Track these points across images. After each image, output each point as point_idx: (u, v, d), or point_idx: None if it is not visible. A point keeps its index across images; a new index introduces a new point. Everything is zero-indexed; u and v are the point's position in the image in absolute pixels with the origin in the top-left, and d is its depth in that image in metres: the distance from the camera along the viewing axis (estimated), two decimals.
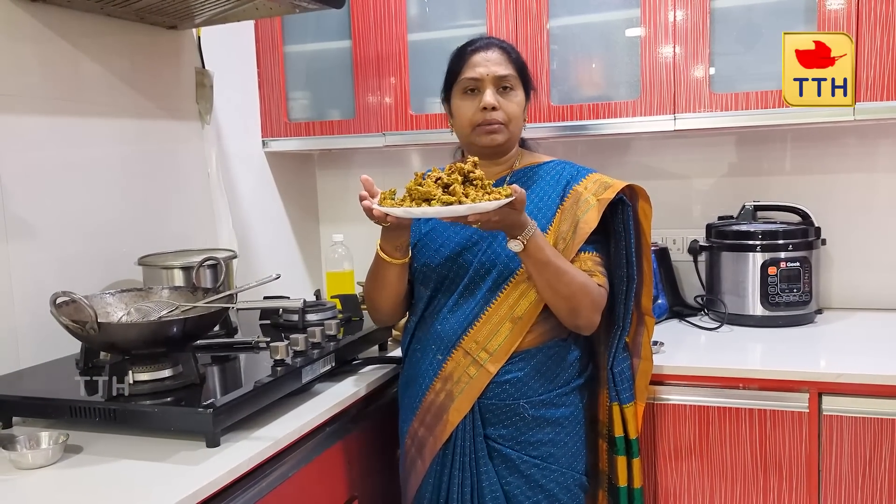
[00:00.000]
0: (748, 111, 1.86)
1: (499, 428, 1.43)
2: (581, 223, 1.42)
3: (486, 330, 1.42)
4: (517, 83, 1.48)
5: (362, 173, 2.53)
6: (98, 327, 1.26)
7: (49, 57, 1.60)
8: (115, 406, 1.25)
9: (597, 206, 1.43)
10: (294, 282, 2.48)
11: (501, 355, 1.42)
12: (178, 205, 1.96)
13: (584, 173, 1.51)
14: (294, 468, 1.30)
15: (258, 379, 1.35)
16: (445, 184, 1.26)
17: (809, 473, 1.59)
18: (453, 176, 1.26)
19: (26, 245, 1.54)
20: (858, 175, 2.11)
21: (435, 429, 1.45)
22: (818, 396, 1.57)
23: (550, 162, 1.55)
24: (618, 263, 1.50)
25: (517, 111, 1.48)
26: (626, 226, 1.48)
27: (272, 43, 2.27)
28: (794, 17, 1.86)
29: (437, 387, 1.45)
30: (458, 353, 1.44)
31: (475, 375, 1.42)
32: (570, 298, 1.37)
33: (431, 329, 1.48)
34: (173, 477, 1.12)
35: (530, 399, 1.43)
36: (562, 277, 1.35)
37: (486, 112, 1.44)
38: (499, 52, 1.48)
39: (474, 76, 1.46)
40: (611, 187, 1.45)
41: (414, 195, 1.27)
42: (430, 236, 1.51)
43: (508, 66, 1.47)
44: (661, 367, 1.65)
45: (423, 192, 1.25)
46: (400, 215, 1.28)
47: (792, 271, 1.95)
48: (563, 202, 1.47)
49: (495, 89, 1.45)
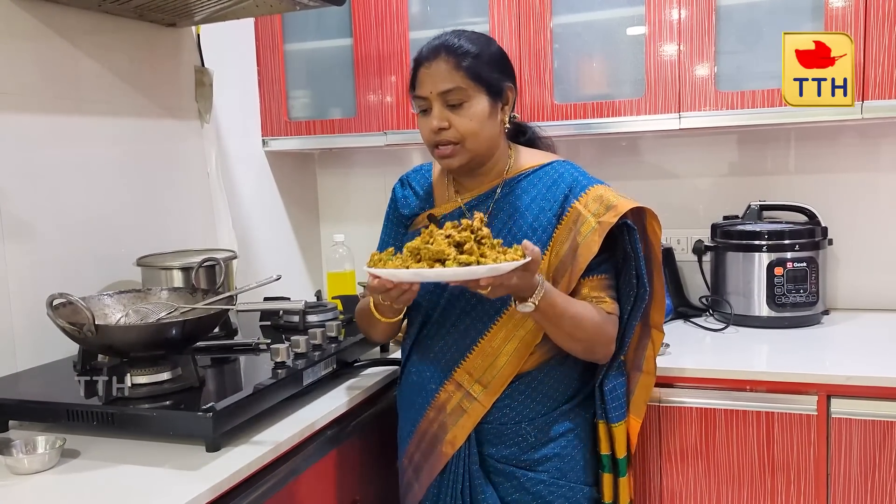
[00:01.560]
0: (754, 109, 1.84)
1: (501, 448, 1.37)
2: (581, 248, 1.31)
3: (481, 361, 1.35)
4: (472, 93, 1.30)
5: (363, 172, 2.56)
6: (95, 329, 1.24)
7: (47, 55, 1.58)
8: (113, 410, 1.23)
9: (598, 230, 1.30)
10: (295, 283, 2.46)
11: (497, 387, 1.34)
12: (178, 205, 1.94)
13: (583, 186, 1.36)
14: (295, 472, 1.28)
15: (258, 381, 1.33)
16: (457, 242, 1.14)
17: (818, 477, 1.57)
18: (464, 234, 1.15)
19: (23, 245, 1.52)
20: (864, 174, 2.10)
21: (430, 457, 1.39)
22: (826, 399, 1.55)
23: (547, 165, 1.40)
24: (626, 281, 1.39)
25: (472, 126, 1.30)
26: (633, 248, 1.36)
27: (272, 41, 2.25)
28: (800, 14, 1.84)
29: (430, 415, 1.39)
30: (450, 385, 1.37)
31: (469, 409, 1.35)
32: (587, 341, 1.31)
33: (425, 354, 1.41)
34: (172, 482, 1.10)
35: (532, 421, 1.36)
36: (578, 325, 1.27)
37: (438, 134, 1.31)
38: (445, 63, 1.30)
39: (420, 94, 1.33)
40: (613, 208, 1.31)
41: (424, 255, 1.14)
42: None
43: (455, 76, 1.29)
44: (666, 369, 1.63)
45: (436, 252, 1.12)
46: (408, 279, 1.14)
47: (798, 272, 1.93)
48: (562, 220, 1.34)
49: (444, 105, 1.31)
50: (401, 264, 1.15)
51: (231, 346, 1.62)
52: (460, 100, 1.30)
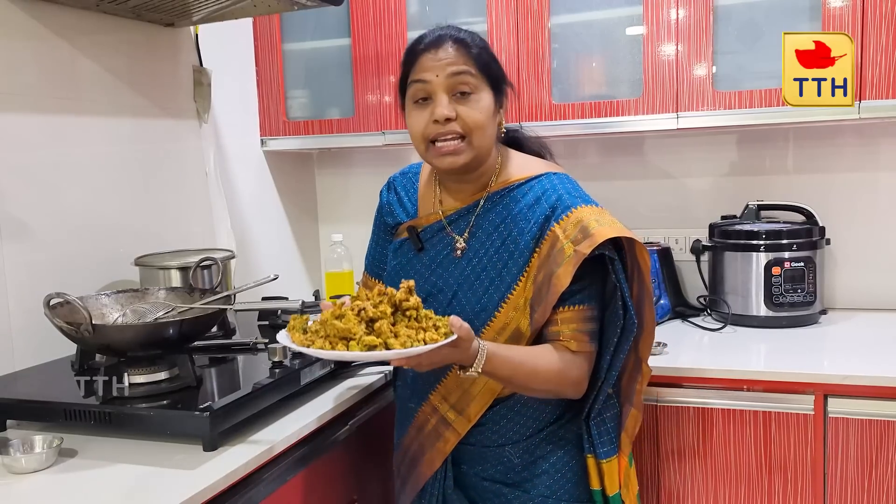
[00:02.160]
0: (751, 109, 1.84)
1: (487, 468, 1.32)
2: (554, 279, 1.19)
3: (455, 387, 1.28)
4: (480, 84, 1.22)
5: (362, 172, 2.56)
6: (93, 329, 1.24)
7: (45, 55, 1.59)
8: (111, 409, 1.23)
9: (572, 259, 1.18)
10: (293, 282, 2.46)
11: (472, 415, 1.28)
12: (176, 204, 1.94)
13: (566, 208, 1.23)
14: (293, 471, 1.28)
15: (256, 381, 1.33)
16: (370, 318, 1.05)
17: (815, 476, 1.57)
18: (381, 307, 1.05)
19: (21, 245, 1.52)
20: (862, 174, 2.10)
21: (412, 474, 1.37)
22: (824, 398, 1.55)
23: (532, 180, 1.29)
24: (613, 312, 1.26)
25: (481, 119, 1.21)
26: (617, 278, 1.23)
27: (271, 41, 2.25)
28: (797, 14, 1.84)
29: (411, 434, 1.36)
30: (427, 408, 1.32)
31: (444, 434, 1.30)
32: (547, 391, 1.24)
33: (405, 372, 1.37)
34: (170, 481, 1.10)
35: (516, 444, 1.29)
36: (534, 377, 1.19)
37: (440, 125, 1.21)
38: (454, 49, 1.21)
39: (422, 78, 1.21)
40: (590, 238, 1.17)
41: (330, 332, 1.05)
42: (400, 275, 1.33)
43: (467, 61, 1.21)
44: (664, 369, 1.63)
45: (341, 330, 1.03)
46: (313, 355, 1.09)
47: (796, 271, 1.93)
48: (540, 245, 1.23)
49: (450, 95, 1.21)
50: (308, 337, 1.08)
51: (229, 346, 1.62)
52: (469, 88, 1.21)
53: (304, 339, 1.08)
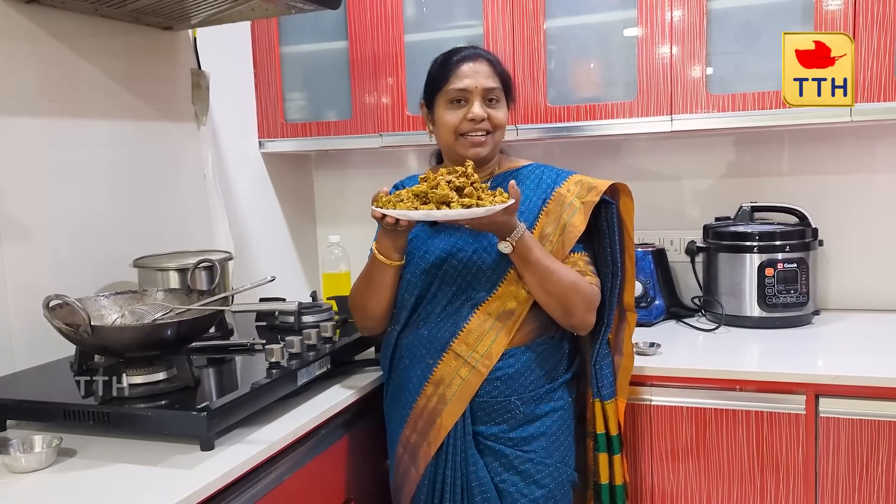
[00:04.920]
0: (745, 112, 1.86)
1: (490, 426, 1.44)
2: (569, 227, 1.45)
3: (477, 332, 1.43)
4: (502, 96, 1.50)
5: (359, 174, 2.58)
6: (91, 330, 1.25)
7: (44, 58, 1.60)
8: (109, 409, 1.24)
9: (582, 209, 1.46)
10: (290, 283, 2.48)
11: (492, 356, 1.42)
12: (174, 206, 1.96)
13: (564, 176, 1.52)
14: (290, 471, 1.29)
15: (253, 381, 1.34)
16: (457, 187, 1.30)
17: (807, 475, 1.59)
18: (462, 180, 1.30)
19: (20, 247, 1.53)
20: (855, 176, 2.11)
21: (428, 434, 1.44)
22: (815, 398, 1.57)
23: (528, 166, 1.57)
24: (603, 261, 1.52)
25: (503, 121, 1.50)
26: (609, 224, 1.50)
27: (268, 44, 2.27)
28: (791, 17, 1.86)
29: (428, 391, 1.45)
30: (448, 356, 1.44)
31: (467, 377, 1.42)
32: (562, 297, 1.40)
33: (418, 335, 1.48)
34: (168, 481, 1.11)
35: (521, 395, 1.44)
36: (551, 276, 1.38)
37: (474, 123, 1.46)
38: (486, 65, 1.49)
39: (462, 87, 1.46)
40: (594, 188, 1.48)
41: (432, 198, 1.29)
42: (414, 244, 1.50)
43: (495, 78, 1.49)
44: (657, 369, 1.65)
45: (441, 196, 1.28)
46: (419, 218, 1.30)
47: (789, 272, 1.94)
48: (547, 205, 1.48)
49: (482, 101, 1.47)
50: (410, 206, 1.29)
51: (226, 347, 1.63)
52: (495, 98, 1.49)
53: (409, 206, 1.29)
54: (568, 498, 1.49)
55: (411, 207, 1.29)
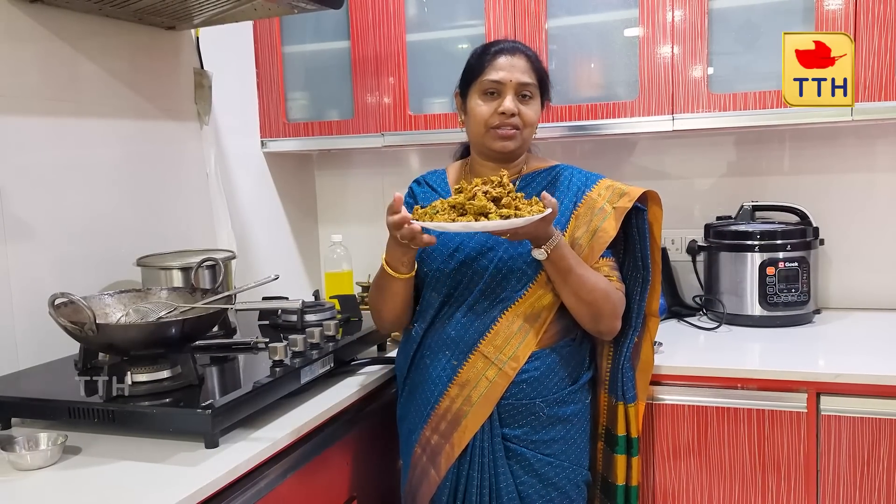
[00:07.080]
0: (746, 111, 1.86)
1: (514, 428, 1.43)
2: (600, 232, 1.44)
3: (504, 334, 1.42)
4: (536, 92, 1.48)
5: (361, 174, 2.58)
6: (96, 328, 1.26)
7: (47, 57, 1.60)
8: (114, 407, 1.25)
9: (613, 215, 1.45)
10: (293, 282, 2.48)
11: (519, 358, 1.41)
12: (177, 205, 1.96)
13: (594, 179, 1.51)
14: (293, 469, 1.30)
15: (257, 380, 1.35)
16: (494, 197, 1.30)
17: (808, 473, 1.59)
18: (499, 189, 1.30)
19: (25, 246, 1.54)
20: (856, 175, 2.12)
21: (452, 436, 1.42)
22: (816, 396, 1.57)
23: (557, 166, 1.54)
24: (633, 266, 1.52)
25: (534, 118, 1.48)
26: (640, 231, 1.50)
27: (271, 43, 2.27)
28: (792, 17, 1.86)
29: (452, 393, 1.43)
30: (475, 358, 1.42)
31: (494, 379, 1.41)
32: (593, 304, 1.40)
33: (443, 334, 1.45)
34: (172, 478, 1.12)
35: (546, 398, 1.43)
36: (584, 284, 1.38)
37: (505, 116, 1.44)
38: (524, 59, 1.47)
39: (497, 79, 1.45)
40: (626, 195, 1.47)
41: (469, 210, 1.28)
42: (443, 241, 1.46)
43: (531, 74, 1.47)
44: (659, 367, 1.65)
45: (479, 207, 1.27)
46: (457, 230, 1.30)
47: (790, 271, 1.95)
48: (577, 209, 1.47)
49: (515, 95, 1.45)
50: (447, 218, 1.29)
51: (230, 345, 1.63)
52: (529, 94, 1.47)
53: (446, 218, 1.28)
54: (583, 497, 1.49)
55: (448, 219, 1.28)
